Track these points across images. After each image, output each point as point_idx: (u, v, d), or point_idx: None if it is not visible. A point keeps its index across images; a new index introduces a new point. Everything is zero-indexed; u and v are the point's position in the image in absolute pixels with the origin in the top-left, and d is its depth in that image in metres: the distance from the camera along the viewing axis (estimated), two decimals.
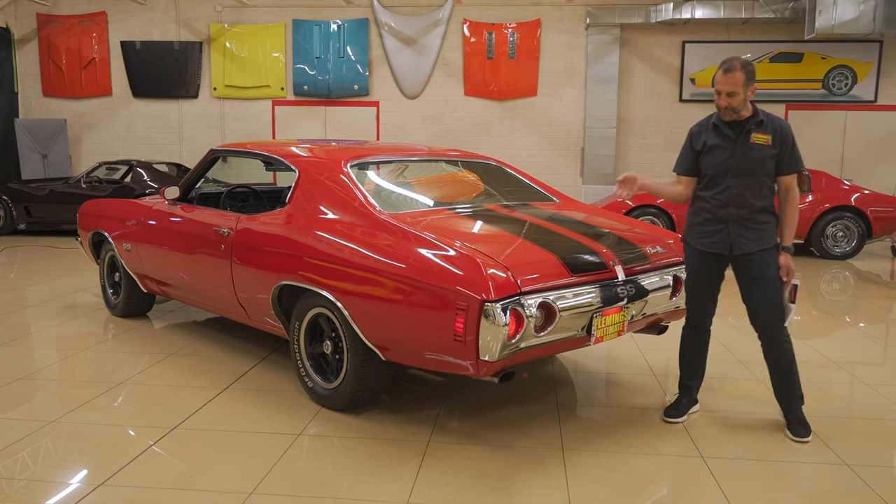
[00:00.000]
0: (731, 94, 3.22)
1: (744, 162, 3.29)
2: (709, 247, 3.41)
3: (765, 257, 3.34)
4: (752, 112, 3.32)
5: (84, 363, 4.44)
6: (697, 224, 3.45)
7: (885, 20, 10.44)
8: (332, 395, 3.59)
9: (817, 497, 2.84)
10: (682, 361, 3.68)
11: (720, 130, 3.36)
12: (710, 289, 3.51)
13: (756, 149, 3.28)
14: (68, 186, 10.26)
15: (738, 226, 3.33)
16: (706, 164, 3.39)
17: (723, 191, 3.33)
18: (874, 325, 6.05)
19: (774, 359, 3.45)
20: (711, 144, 3.36)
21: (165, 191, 4.80)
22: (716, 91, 3.28)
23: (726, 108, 3.26)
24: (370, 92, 12.81)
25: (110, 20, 13.15)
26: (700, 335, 3.60)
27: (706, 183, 3.41)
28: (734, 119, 3.32)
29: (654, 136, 12.50)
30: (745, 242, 3.33)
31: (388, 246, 3.30)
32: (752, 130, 3.29)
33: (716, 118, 3.40)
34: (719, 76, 3.25)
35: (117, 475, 2.91)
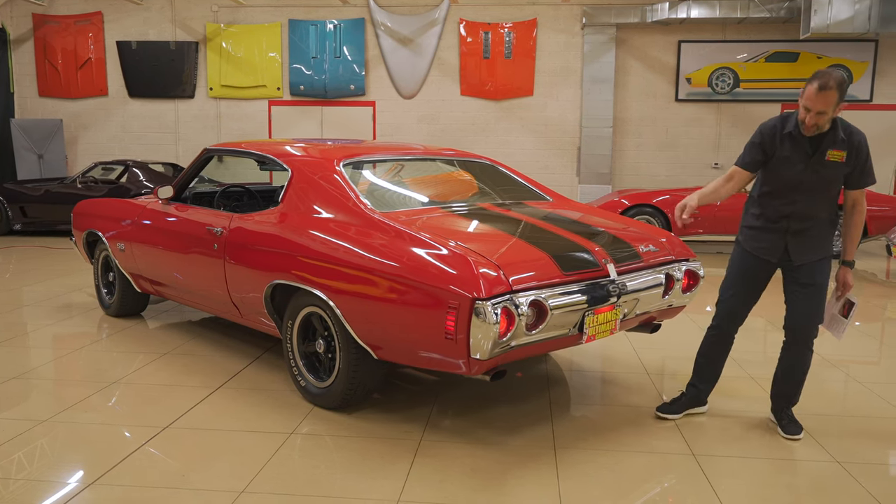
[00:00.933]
0: (820, 113, 3.02)
1: (815, 179, 3.15)
2: (762, 252, 3.31)
3: (817, 265, 3.27)
4: (832, 126, 3.12)
5: (78, 362, 4.44)
6: (755, 229, 3.34)
7: (881, 19, 10.46)
8: (325, 394, 3.60)
9: (809, 494, 2.85)
10: (699, 361, 3.60)
11: (797, 143, 3.16)
12: (752, 294, 3.41)
13: (830, 166, 3.13)
14: (64, 187, 10.25)
15: (797, 236, 3.24)
16: (774, 174, 3.22)
17: (787, 203, 3.21)
18: (869, 323, 6.06)
19: (792, 363, 3.41)
20: (783, 156, 3.17)
21: (159, 190, 4.80)
22: (803, 107, 3.05)
23: (811, 127, 3.07)
24: (366, 92, 12.81)
25: (106, 20, 13.13)
26: (723, 338, 3.51)
27: (769, 191, 3.25)
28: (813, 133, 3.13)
29: (650, 136, 12.51)
30: (804, 252, 3.25)
31: (381, 245, 3.30)
32: (829, 147, 3.12)
33: (793, 127, 3.17)
34: (811, 93, 2.99)
35: (109, 473, 2.91)
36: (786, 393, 3.47)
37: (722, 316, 3.48)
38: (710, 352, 3.56)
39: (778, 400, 3.50)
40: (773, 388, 3.53)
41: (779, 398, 3.50)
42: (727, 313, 3.47)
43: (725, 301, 3.46)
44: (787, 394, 3.47)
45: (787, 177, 3.18)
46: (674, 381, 4.24)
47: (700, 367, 3.60)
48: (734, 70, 12.22)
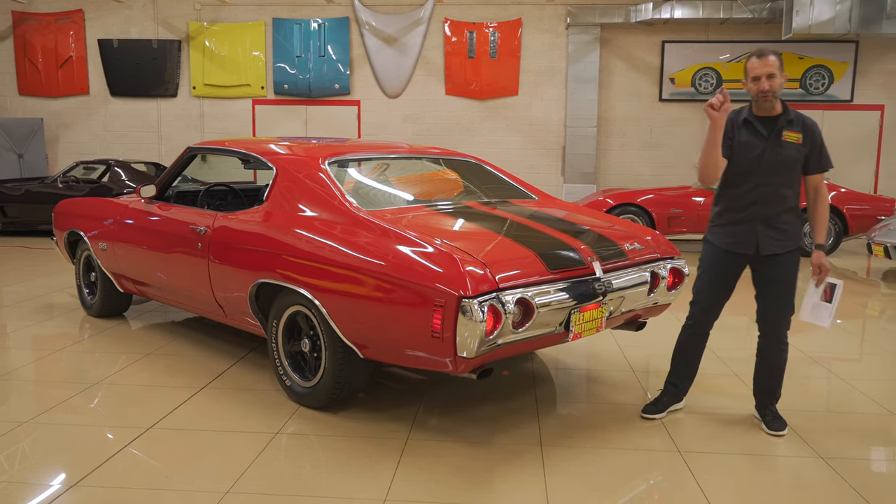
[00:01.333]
0: (770, 77, 3.14)
1: (775, 160, 3.21)
2: (734, 246, 3.33)
3: (786, 259, 3.30)
4: (783, 109, 3.25)
5: (60, 363, 4.38)
6: (723, 224, 3.36)
7: (861, 20, 10.58)
8: (310, 394, 3.57)
9: (793, 490, 2.87)
10: (676, 360, 3.62)
11: (752, 126, 3.25)
12: (725, 290, 3.43)
13: (787, 147, 3.20)
14: (45, 186, 10.13)
15: (766, 226, 3.26)
16: (736, 160, 3.26)
17: (751, 189, 3.25)
18: (851, 321, 6.12)
19: (768, 359, 3.44)
20: (742, 140, 3.25)
21: (142, 189, 4.75)
22: (753, 78, 3.17)
23: (767, 93, 3.15)
24: (351, 91, 12.77)
25: (87, 18, 13.00)
26: (699, 335, 3.54)
27: (733, 180, 3.28)
28: (767, 114, 3.24)
29: (634, 136, 12.57)
30: (772, 243, 3.27)
31: (367, 243, 3.28)
32: (784, 128, 3.22)
33: (747, 113, 3.28)
34: (754, 62, 3.17)
35: (92, 475, 2.87)
36: (767, 389, 3.49)
37: (697, 314, 3.50)
38: (686, 350, 3.59)
39: (761, 397, 3.53)
40: (755, 385, 3.55)
41: (761, 395, 3.52)
42: (702, 311, 3.49)
43: (700, 300, 3.48)
44: (768, 390, 3.49)
45: (748, 159, 3.24)
46: (659, 378, 4.25)
47: (677, 366, 3.63)
48: (717, 70, 12.31)
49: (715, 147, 3.16)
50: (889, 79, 12.17)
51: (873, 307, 6.80)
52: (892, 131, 12.28)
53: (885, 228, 8.06)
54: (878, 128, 12.25)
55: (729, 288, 3.43)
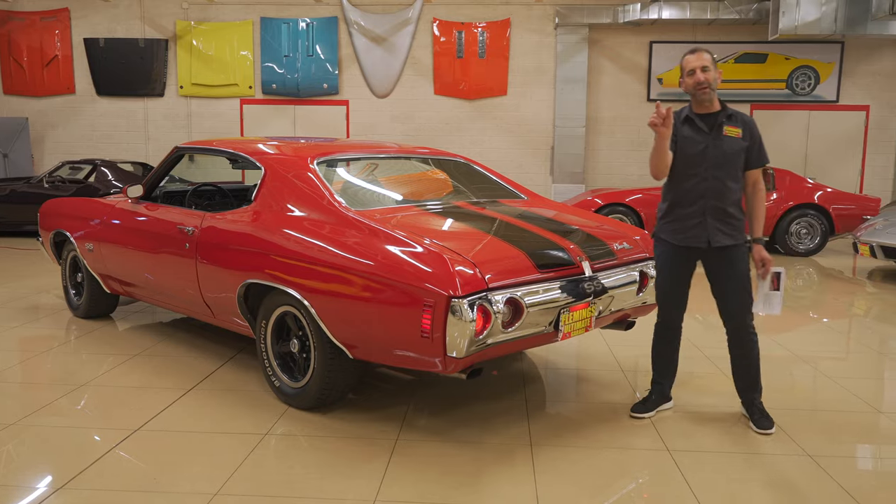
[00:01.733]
0: (705, 69, 3.27)
1: (717, 154, 3.31)
2: (684, 241, 3.39)
3: (736, 253, 3.37)
4: (722, 106, 3.37)
5: (46, 365, 4.35)
6: (673, 220, 3.43)
7: (847, 21, 10.66)
8: (300, 394, 3.56)
9: (781, 488, 2.88)
10: (654, 359, 3.68)
11: (693, 123, 3.37)
12: (683, 285, 3.50)
13: (728, 141, 3.31)
14: (30, 186, 10.04)
15: (715, 219, 3.33)
16: (681, 156, 3.35)
17: (698, 183, 3.33)
18: (837, 319, 6.17)
19: (741, 353, 3.49)
20: (685, 136, 3.35)
21: (129, 189, 4.72)
22: (688, 73, 3.32)
23: (702, 85, 3.27)
24: (340, 91, 12.74)
25: (73, 17, 12.90)
26: (671, 332, 3.61)
27: (679, 177, 3.37)
28: (706, 111, 3.35)
29: (622, 135, 12.61)
30: (722, 236, 3.34)
31: (356, 243, 3.27)
32: (724, 123, 3.33)
33: (688, 111, 3.41)
34: (689, 58, 3.33)
35: (79, 477, 2.85)
36: (748, 383, 3.51)
37: (663, 311, 3.59)
38: (661, 347, 3.65)
39: (745, 393, 3.54)
40: (737, 382, 3.57)
41: (746, 391, 3.54)
42: (667, 308, 3.56)
43: (662, 297, 3.56)
44: (749, 383, 3.51)
45: (692, 154, 3.33)
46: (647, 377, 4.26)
47: (657, 364, 3.68)
48: None
49: (664, 153, 3.29)
50: (874, 79, 12.28)
51: (859, 306, 6.85)
52: (877, 131, 12.38)
53: (871, 228, 8.12)
54: (864, 128, 12.36)
55: (686, 281, 3.51)
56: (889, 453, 3.30)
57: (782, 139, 12.33)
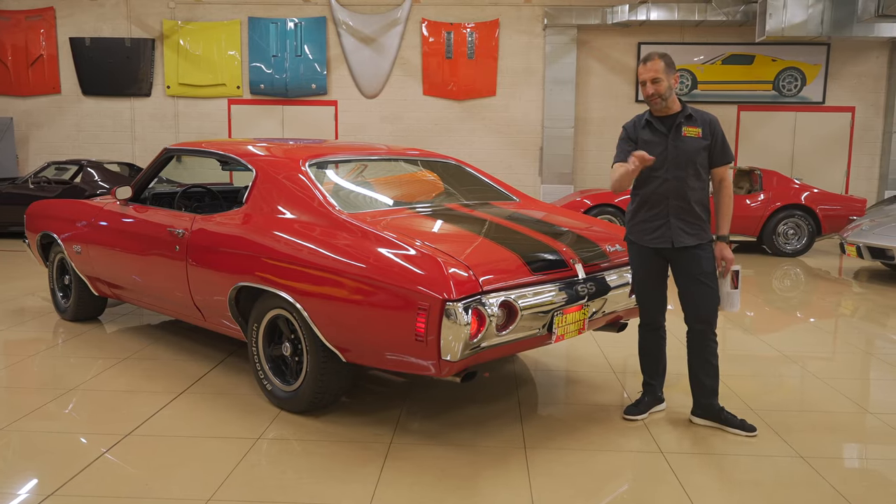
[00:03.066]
0: (655, 81, 3.29)
1: (678, 155, 3.33)
2: (651, 242, 3.42)
3: (701, 253, 3.38)
4: (681, 107, 3.40)
5: (33, 369, 4.30)
6: (640, 221, 3.46)
7: (833, 23, 10.75)
8: (292, 398, 3.54)
9: (774, 489, 2.90)
10: (641, 360, 3.70)
11: (652, 126, 3.41)
12: (658, 285, 3.52)
13: (688, 141, 3.34)
14: (15, 187, 9.94)
15: (678, 219, 3.36)
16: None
17: (661, 185, 3.36)
18: (824, 319, 6.22)
19: (704, 358, 3.46)
20: (645, 140, 3.40)
21: (117, 191, 4.68)
22: (640, 83, 3.35)
23: (653, 96, 3.31)
24: (328, 91, 12.70)
25: (59, 16, 12.77)
26: (655, 332, 3.62)
27: (643, 179, 3.41)
28: (664, 113, 3.38)
29: (611, 136, 12.59)
30: (685, 237, 3.36)
31: (348, 246, 3.26)
32: (682, 124, 3.36)
33: (647, 115, 3.45)
34: (640, 68, 3.35)
35: (69, 484, 2.82)
36: (708, 384, 3.47)
37: (644, 312, 3.60)
38: (647, 348, 3.66)
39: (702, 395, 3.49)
40: (694, 383, 3.52)
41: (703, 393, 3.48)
42: (647, 309, 3.58)
43: (642, 300, 3.58)
44: (709, 385, 3.48)
45: (653, 155, 3.32)
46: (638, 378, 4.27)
47: (645, 365, 3.69)
48: (692, 72, 12.44)
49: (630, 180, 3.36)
50: (860, 81, 12.38)
51: (846, 306, 6.91)
52: (863, 132, 12.50)
53: (857, 229, 8.19)
54: (850, 129, 12.46)
55: (661, 281, 3.53)
56: (879, 453, 3.32)
57: (769, 140, 12.42)
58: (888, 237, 7.66)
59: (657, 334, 3.63)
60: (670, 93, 3.33)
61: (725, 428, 3.45)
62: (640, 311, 3.61)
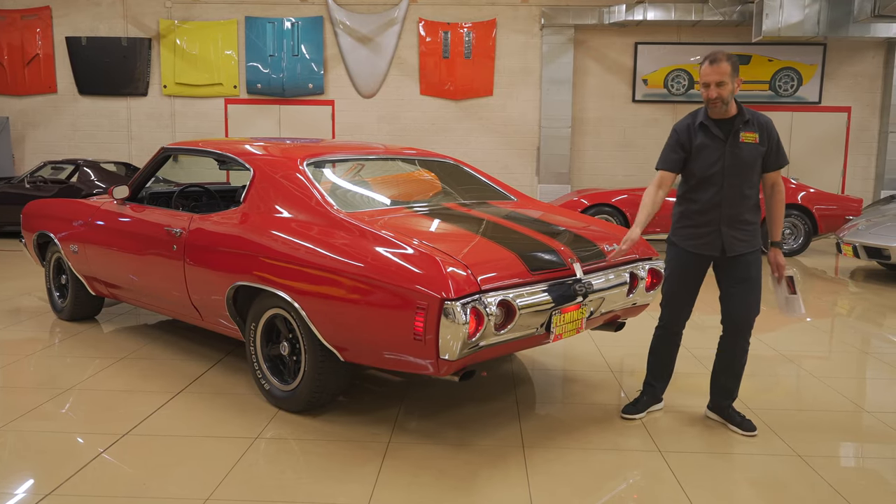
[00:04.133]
0: (720, 84, 3.15)
1: (735, 163, 3.22)
2: (698, 248, 3.34)
3: (751, 258, 3.33)
4: (738, 110, 3.26)
5: (29, 369, 4.28)
6: (688, 226, 3.36)
7: (829, 24, 10.78)
8: (290, 397, 3.53)
9: (772, 488, 2.90)
10: (651, 360, 3.66)
11: (709, 130, 3.27)
12: (692, 291, 3.46)
13: (746, 148, 3.22)
14: (11, 187, 9.91)
15: (730, 227, 3.27)
16: (696, 165, 3.29)
17: (716, 193, 3.25)
18: (821, 319, 6.23)
19: (731, 357, 3.46)
20: (700, 144, 3.27)
21: (114, 190, 4.66)
22: (703, 84, 3.20)
23: (716, 100, 3.17)
24: (325, 91, 12.69)
25: (55, 15, 12.74)
26: (674, 336, 3.57)
27: (696, 184, 3.31)
28: (722, 117, 3.25)
29: (608, 136, 12.66)
30: (737, 244, 3.29)
31: (346, 245, 3.25)
32: (740, 129, 3.23)
33: (703, 117, 3.30)
34: (706, 68, 3.18)
35: (66, 484, 2.81)
36: (728, 387, 3.49)
37: (667, 315, 3.54)
38: (660, 351, 3.62)
39: (719, 395, 3.52)
40: (714, 383, 3.55)
41: (720, 394, 3.51)
42: (672, 313, 3.52)
43: (670, 302, 3.51)
44: (728, 388, 3.50)
45: (709, 163, 3.25)
46: (636, 378, 4.28)
47: (653, 366, 3.66)
48: (689, 72, 12.46)
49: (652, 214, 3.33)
50: (856, 81, 12.42)
51: (842, 305, 6.92)
52: (859, 132, 12.53)
53: (854, 228, 8.21)
54: (846, 129, 12.49)
55: (696, 288, 3.47)
56: (877, 452, 3.33)
57: None
58: (884, 237, 7.68)
59: (673, 339, 3.58)
60: (731, 97, 3.20)
61: (727, 424, 3.48)
62: (664, 312, 3.53)
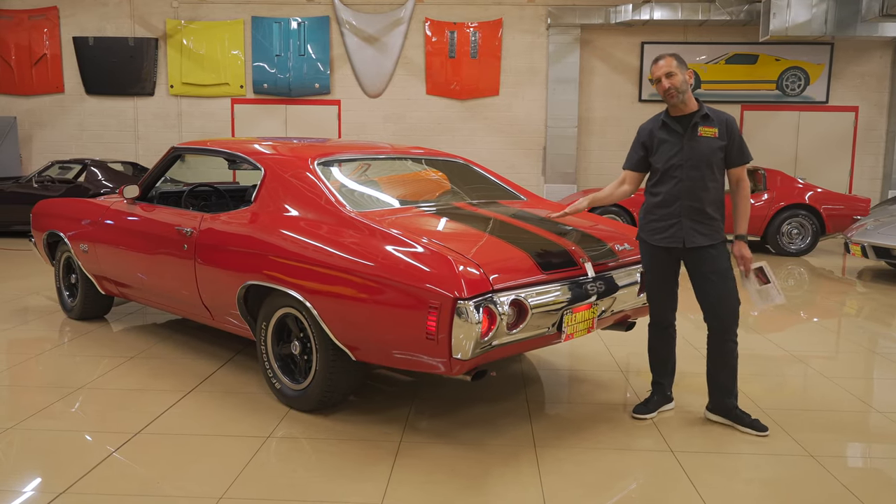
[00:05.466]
0: (669, 76, 3.30)
1: (692, 155, 3.33)
2: (662, 241, 3.42)
3: (715, 253, 3.37)
4: (698, 107, 3.40)
5: (39, 368, 4.30)
6: (651, 220, 3.47)
7: (836, 23, 10.75)
8: (301, 397, 3.54)
9: (786, 488, 2.89)
10: (650, 359, 3.69)
11: (668, 126, 3.41)
12: (668, 284, 3.52)
13: (704, 141, 3.33)
14: (19, 186, 9.94)
15: (691, 219, 3.35)
16: (657, 159, 3.43)
17: (675, 185, 3.36)
18: (829, 319, 6.21)
19: (722, 357, 3.45)
20: (661, 139, 3.41)
21: (125, 189, 4.67)
22: (656, 81, 3.37)
23: (670, 90, 3.31)
24: (331, 90, 12.70)
25: (62, 15, 12.78)
26: (664, 331, 3.62)
27: (658, 179, 3.43)
28: (681, 112, 3.38)
29: (614, 136, 12.64)
30: (697, 237, 3.35)
31: (357, 244, 3.26)
32: (698, 124, 3.35)
33: (664, 115, 3.45)
34: (653, 68, 3.39)
35: (79, 483, 2.81)
36: (725, 385, 3.47)
37: (654, 312, 3.60)
38: (657, 347, 3.65)
39: (718, 394, 3.49)
40: (711, 382, 3.53)
41: (719, 392, 3.49)
42: (657, 309, 3.58)
43: (651, 298, 3.58)
44: (726, 386, 3.47)
45: (668, 156, 3.38)
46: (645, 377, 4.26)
47: (653, 363, 3.69)
48: (695, 72, 12.40)
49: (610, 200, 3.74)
50: (863, 80, 12.38)
51: (850, 305, 6.90)
52: (866, 132, 12.49)
53: (862, 228, 8.18)
54: (853, 129, 12.46)
55: (672, 282, 3.53)
56: (889, 452, 3.32)
57: (772, 140, 12.41)
58: (893, 237, 7.65)
59: (666, 333, 3.62)
60: (686, 87, 3.33)
61: (737, 426, 3.45)
62: (650, 308, 3.61)
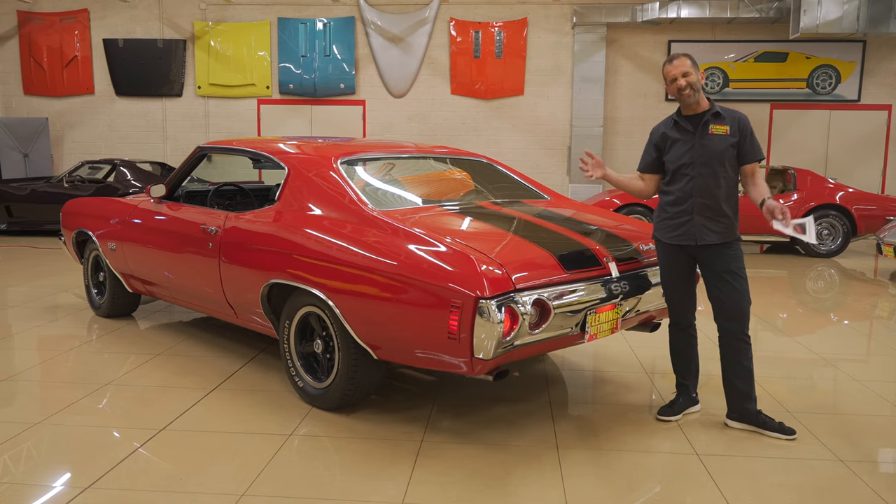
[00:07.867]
0: (685, 74, 3.31)
1: (704, 152, 3.33)
2: (675, 239, 3.40)
3: (727, 251, 3.35)
4: (710, 106, 3.39)
5: (67, 365, 4.36)
6: (665, 218, 3.46)
7: (869, 20, 10.53)
8: (323, 395, 3.55)
9: (814, 493, 2.84)
10: (673, 360, 3.64)
11: (680, 125, 3.42)
12: (685, 283, 3.48)
13: (715, 139, 3.33)
14: (50, 186, 10.12)
15: (703, 217, 3.34)
16: (669, 159, 3.43)
17: (687, 182, 3.36)
18: (859, 321, 6.09)
19: (735, 358, 3.39)
20: (673, 139, 3.42)
21: (151, 189, 4.73)
22: (671, 80, 3.37)
23: (685, 89, 3.31)
24: (356, 91, 12.74)
25: (92, 18, 12.99)
26: (685, 331, 3.56)
27: (671, 177, 3.44)
28: (693, 112, 3.39)
29: (640, 135, 12.51)
30: (709, 234, 3.33)
31: (380, 243, 3.26)
32: (709, 122, 3.35)
33: (676, 115, 3.46)
34: (668, 68, 3.38)
35: (104, 478, 2.85)
36: (742, 389, 3.40)
37: (673, 311, 3.56)
38: (678, 348, 3.61)
39: (737, 399, 3.42)
40: (728, 388, 3.45)
41: (737, 397, 3.42)
42: (675, 308, 3.54)
43: (669, 298, 3.55)
44: (744, 390, 3.40)
45: (679, 154, 3.39)
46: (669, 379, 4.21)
47: (676, 364, 3.64)
48: (723, 70, 12.27)
49: (623, 185, 3.62)
50: None
51: (882, 308, 6.75)
52: None
53: (895, 229, 8.01)
54: (886, 128, 12.20)
55: (689, 281, 3.50)
56: None
57: (803, 139, 12.21)
58: None
59: (687, 333, 3.57)
60: (699, 86, 3.35)
61: (763, 431, 3.38)
62: (669, 309, 3.57)
